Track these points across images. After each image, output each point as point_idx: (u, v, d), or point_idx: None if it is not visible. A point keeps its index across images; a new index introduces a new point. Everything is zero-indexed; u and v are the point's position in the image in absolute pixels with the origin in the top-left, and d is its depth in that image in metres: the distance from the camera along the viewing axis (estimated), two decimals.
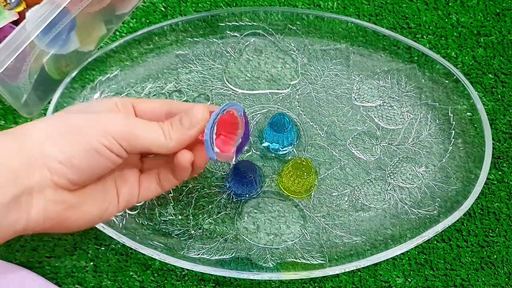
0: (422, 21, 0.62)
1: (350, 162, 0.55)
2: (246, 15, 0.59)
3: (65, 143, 0.34)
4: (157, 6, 0.62)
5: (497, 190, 0.55)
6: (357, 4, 0.63)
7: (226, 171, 0.54)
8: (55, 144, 0.34)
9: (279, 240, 0.52)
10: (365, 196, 0.54)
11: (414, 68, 0.58)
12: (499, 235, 0.54)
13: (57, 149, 0.34)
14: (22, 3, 0.52)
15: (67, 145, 0.34)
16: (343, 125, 0.56)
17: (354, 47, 0.59)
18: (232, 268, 0.49)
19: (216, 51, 0.59)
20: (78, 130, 0.35)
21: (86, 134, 0.35)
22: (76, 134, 0.35)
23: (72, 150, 0.34)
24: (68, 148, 0.34)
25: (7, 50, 0.47)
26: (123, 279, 0.51)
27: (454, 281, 0.52)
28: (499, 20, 0.63)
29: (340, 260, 0.50)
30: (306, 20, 0.59)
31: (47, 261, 0.52)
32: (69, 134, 0.35)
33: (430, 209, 0.52)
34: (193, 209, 0.53)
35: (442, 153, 0.55)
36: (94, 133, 0.35)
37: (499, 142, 0.57)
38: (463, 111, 0.56)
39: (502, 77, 0.60)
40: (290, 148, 0.55)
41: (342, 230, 0.52)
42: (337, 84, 0.58)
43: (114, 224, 0.51)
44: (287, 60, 0.59)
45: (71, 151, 0.34)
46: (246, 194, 0.53)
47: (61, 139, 0.35)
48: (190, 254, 0.50)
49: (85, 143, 0.35)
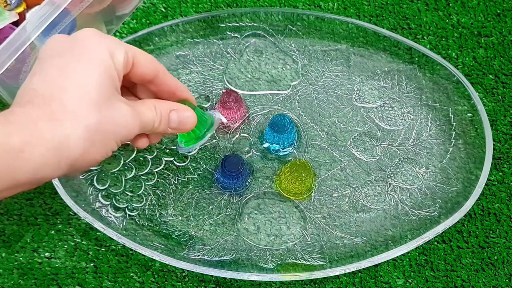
0: (422, 21, 0.62)
1: (351, 163, 0.55)
2: (247, 16, 0.58)
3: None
4: (158, 7, 0.62)
5: (498, 191, 0.55)
6: (357, 5, 0.63)
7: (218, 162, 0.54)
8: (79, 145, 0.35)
9: (280, 241, 0.52)
10: (366, 197, 0.54)
11: (415, 69, 0.58)
12: (499, 236, 0.54)
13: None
14: (22, 4, 0.52)
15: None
16: (344, 126, 0.56)
17: (355, 48, 0.59)
18: (232, 269, 0.49)
19: (216, 52, 0.59)
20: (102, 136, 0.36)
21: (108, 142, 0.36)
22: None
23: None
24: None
25: (7, 51, 0.47)
26: (123, 280, 0.51)
27: (455, 282, 0.52)
28: (499, 21, 0.62)
29: (341, 261, 0.50)
30: (307, 21, 0.58)
31: (47, 262, 0.52)
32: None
33: (431, 210, 0.52)
34: (194, 210, 0.53)
35: (443, 154, 0.55)
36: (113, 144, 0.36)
37: (500, 143, 0.57)
38: (464, 112, 0.56)
39: (502, 78, 0.60)
40: (291, 149, 0.55)
41: (343, 231, 0.52)
42: (338, 85, 0.58)
43: (115, 225, 0.51)
44: (287, 61, 0.59)
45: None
46: (232, 188, 0.53)
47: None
48: (191, 255, 0.50)
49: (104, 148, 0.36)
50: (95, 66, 0.34)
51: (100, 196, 0.53)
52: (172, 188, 0.54)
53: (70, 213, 0.54)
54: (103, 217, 0.52)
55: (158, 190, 0.54)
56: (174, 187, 0.54)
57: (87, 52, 0.35)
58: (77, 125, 0.33)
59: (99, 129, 0.34)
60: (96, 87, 0.34)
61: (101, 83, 0.34)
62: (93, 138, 0.34)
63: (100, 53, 0.35)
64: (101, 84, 0.34)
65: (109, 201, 0.53)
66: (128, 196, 0.53)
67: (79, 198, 0.51)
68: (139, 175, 0.54)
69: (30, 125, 0.32)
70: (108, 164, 0.54)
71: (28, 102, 0.33)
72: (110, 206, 0.52)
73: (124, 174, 0.54)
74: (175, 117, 0.40)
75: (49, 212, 0.54)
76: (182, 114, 0.40)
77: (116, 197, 0.53)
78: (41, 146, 0.31)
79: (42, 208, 0.54)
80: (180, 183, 0.54)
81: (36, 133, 0.32)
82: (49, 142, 0.32)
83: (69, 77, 0.34)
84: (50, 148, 0.32)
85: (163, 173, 0.54)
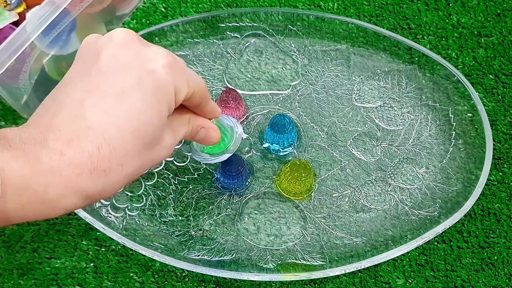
0: (422, 21, 0.62)
1: (351, 163, 0.55)
2: (247, 16, 0.58)
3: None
4: (158, 7, 0.62)
5: (498, 191, 0.55)
6: (357, 5, 0.63)
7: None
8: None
9: (280, 241, 0.52)
10: (366, 197, 0.54)
11: (415, 69, 0.58)
12: (499, 236, 0.54)
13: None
14: (22, 4, 0.52)
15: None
16: (344, 126, 0.56)
17: (355, 48, 0.59)
18: (232, 269, 0.49)
19: (216, 52, 0.59)
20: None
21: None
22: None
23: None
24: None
25: (7, 51, 0.46)
26: (123, 280, 0.51)
27: (455, 282, 0.52)
28: (499, 21, 0.62)
29: (341, 261, 0.50)
30: (307, 21, 0.58)
31: (47, 262, 0.52)
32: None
33: (431, 210, 0.52)
34: (194, 210, 0.53)
35: (443, 154, 0.55)
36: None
37: (500, 143, 0.57)
38: (464, 112, 0.56)
39: (502, 78, 0.60)
40: (291, 149, 0.55)
41: (343, 231, 0.52)
42: (338, 85, 0.58)
43: (115, 225, 0.51)
44: (287, 61, 0.59)
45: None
46: (232, 188, 0.53)
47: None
48: (191, 255, 0.50)
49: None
50: (159, 104, 0.31)
51: None
52: (172, 188, 0.54)
53: (70, 213, 0.54)
54: (103, 217, 0.52)
55: (158, 190, 0.53)
56: (174, 187, 0.54)
57: (155, 86, 0.31)
58: (120, 179, 0.31)
59: (138, 173, 0.32)
60: (153, 130, 0.32)
61: (158, 124, 0.32)
62: (128, 182, 0.32)
63: (168, 90, 0.32)
64: (158, 125, 0.32)
65: (109, 201, 0.53)
66: (128, 196, 0.53)
67: None
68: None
69: (71, 177, 0.29)
70: None
71: (75, 138, 0.29)
72: (110, 206, 0.52)
73: None
74: (203, 134, 0.41)
75: None
76: (209, 133, 0.41)
77: (116, 197, 0.53)
78: (74, 199, 0.30)
79: None
80: (180, 183, 0.54)
81: (72, 186, 0.29)
82: (83, 193, 0.30)
83: (127, 115, 0.30)
84: (81, 198, 0.30)
85: (163, 173, 0.54)
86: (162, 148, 0.34)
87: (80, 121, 0.30)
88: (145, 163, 0.33)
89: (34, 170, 0.28)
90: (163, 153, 0.34)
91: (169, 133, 0.35)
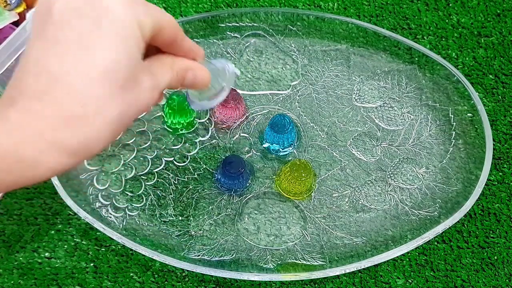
0: (422, 22, 0.62)
1: (351, 163, 0.55)
2: (247, 16, 0.58)
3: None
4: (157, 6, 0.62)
5: (498, 191, 0.55)
6: (357, 5, 0.63)
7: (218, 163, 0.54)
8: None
9: (280, 241, 0.52)
10: (366, 197, 0.54)
11: (415, 69, 0.58)
12: (499, 236, 0.54)
13: None
14: (22, 4, 0.52)
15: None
16: (344, 126, 0.56)
17: (355, 48, 0.59)
18: (232, 269, 0.49)
19: (216, 52, 0.59)
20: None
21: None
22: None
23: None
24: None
25: (7, 51, 0.46)
26: (123, 280, 0.51)
27: (455, 282, 0.52)
28: (499, 21, 0.62)
29: (341, 261, 0.50)
30: (307, 21, 0.58)
31: (47, 262, 0.52)
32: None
33: (431, 210, 0.52)
34: (194, 210, 0.53)
35: (443, 154, 0.55)
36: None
37: (500, 143, 0.57)
38: (464, 112, 0.56)
39: (502, 78, 0.60)
40: (291, 149, 0.55)
41: (343, 231, 0.52)
42: (338, 85, 0.58)
43: (115, 225, 0.51)
44: (287, 61, 0.59)
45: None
46: (232, 188, 0.53)
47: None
48: (191, 255, 0.50)
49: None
50: (124, 42, 0.30)
51: (100, 196, 0.53)
52: (172, 188, 0.54)
53: (70, 213, 0.54)
54: (103, 217, 0.52)
55: (158, 190, 0.53)
56: (174, 187, 0.54)
57: (114, 22, 0.30)
58: (101, 126, 0.30)
59: (121, 120, 0.31)
60: (124, 69, 0.30)
61: (128, 64, 0.31)
62: (114, 132, 0.31)
63: (129, 24, 0.30)
64: (128, 64, 0.31)
65: (109, 201, 0.53)
66: (128, 196, 0.53)
67: (79, 198, 0.51)
68: (139, 175, 0.54)
69: (45, 131, 0.29)
70: (108, 164, 0.54)
71: (43, 93, 0.29)
72: (110, 206, 0.52)
73: (124, 174, 0.54)
74: (191, 77, 0.38)
75: (49, 212, 0.54)
76: (198, 74, 0.39)
77: (116, 197, 0.53)
78: (55, 154, 0.29)
79: (42, 208, 0.54)
80: (180, 183, 0.54)
81: (49, 140, 0.29)
82: (65, 148, 0.29)
83: (92, 58, 0.29)
84: (64, 153, 0.30)
85: (163, 173, 0.54)
86: (142, 91, 0.33)
87: (44, 76, 0.29)
88: (127, 108, 0.32)
89: (2, 130, 0.28)
90: (145, 95, 0.33)
91: (147, 75, 0.33)
